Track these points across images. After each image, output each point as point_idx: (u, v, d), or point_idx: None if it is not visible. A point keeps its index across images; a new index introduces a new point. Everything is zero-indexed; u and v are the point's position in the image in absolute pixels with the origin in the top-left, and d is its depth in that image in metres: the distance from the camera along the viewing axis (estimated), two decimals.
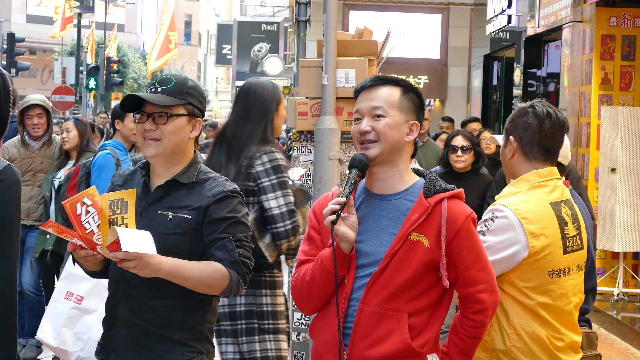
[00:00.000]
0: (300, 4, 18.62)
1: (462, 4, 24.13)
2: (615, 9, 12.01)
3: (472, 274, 3.50)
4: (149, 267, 3.58)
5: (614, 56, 12.00)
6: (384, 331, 3.44)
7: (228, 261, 3.76)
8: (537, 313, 3.93)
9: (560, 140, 4.15)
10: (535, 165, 4.08)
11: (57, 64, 39.63)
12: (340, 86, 7.99)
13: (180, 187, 3.87)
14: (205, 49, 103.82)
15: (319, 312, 3.62)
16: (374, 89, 3.59)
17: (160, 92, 3.88)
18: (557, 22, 13.30)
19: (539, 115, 4.08)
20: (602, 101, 11.96)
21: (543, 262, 3.91)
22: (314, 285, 3.55)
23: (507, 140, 4.15)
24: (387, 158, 3.53)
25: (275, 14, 46.88)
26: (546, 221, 3.94)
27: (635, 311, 11.35)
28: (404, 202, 3.52)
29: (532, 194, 4.01)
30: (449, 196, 3.49)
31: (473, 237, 3.51)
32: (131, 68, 54.97)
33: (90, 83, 37.47)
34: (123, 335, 3.85)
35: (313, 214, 3.69)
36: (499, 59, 20.30)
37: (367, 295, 3.46)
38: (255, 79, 5.85)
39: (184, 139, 3.90)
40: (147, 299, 3.80)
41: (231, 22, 50.70)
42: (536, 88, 16.82)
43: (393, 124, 3.53)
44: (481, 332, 3.60)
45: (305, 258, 3.65)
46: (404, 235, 3.45)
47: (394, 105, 3.55)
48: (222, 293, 3.78)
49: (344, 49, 8.20)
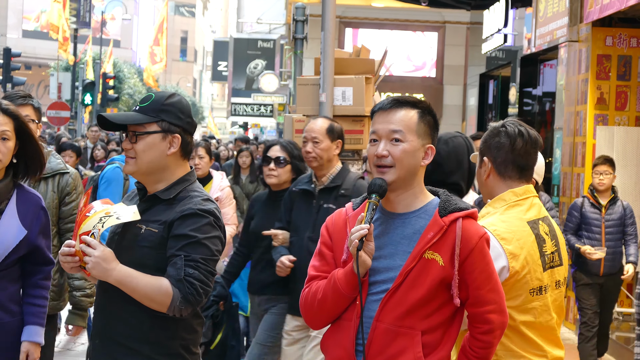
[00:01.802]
0: (297, 22, 18.66)
1: (458, 22, 24.22)
2: (612, 29, 12.05)
3: (482, 294, 3.51)
4: (100, 266, 3.69)
5: (610, 76, 12.03)
6: (397, 349, 3.45)
7: (174, 278, 3.74)
8: (521, 332, 3.94)
9: (534, 158, 4.16)
10: (510, 184, 4.10)
11: (53, 79, 39.57)
12: (338, 104, 8.02)
13: (159, 203, 3.90)
14: (201, 65, 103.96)
15: (331, 327, 3.63)
16: (393, 111, 3.57)
17: (137, 110, 3.92)
18: (553, 41, 13.34)
19: (510, 134, 4.09)
20: (598, 121, 11.98)
21: (523, 282, 3.93)
22: (326, 305, 3.56)
23: (482, 161, 4.17)
24: (403, 183, 3.54)
25: (271, 31, 46.98)
26: (524, 240, 3.96)
27: (629, 330, 11.33)
28: (419, 221, 3.53)
29: (508, 214, 4.03)
30: (464, 215, 3.50)
31: (485, 257, 3.52)
32: (127, 84, 54.98)
33: (85, 99, 37.48)
34: (97, 345, 3.93)
35: (326, 230, 3.68)
36: (495, 77, 20.34)
37: (382, 313, 3.47)
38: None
39: (158, 156, 3.90)
40: (120, 311, 3.84)
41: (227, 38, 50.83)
42: (532, 107, 16.85)
43: (410, 149, 3.53)
44: (489, 353, 3.59)
45: (315, 274, 3.65)
46: (418, 254, 3.46)
47: (411, 129, 3.54)
48: (168, 310, 3.76)
49: (341, 67, 8.23)
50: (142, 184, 3.98)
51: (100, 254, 3.68)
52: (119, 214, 3.77)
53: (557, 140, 13.06)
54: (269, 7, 44.97)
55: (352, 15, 24.53)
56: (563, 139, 12.81)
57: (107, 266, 3.68)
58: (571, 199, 12.25)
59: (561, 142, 12.86)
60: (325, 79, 8.09)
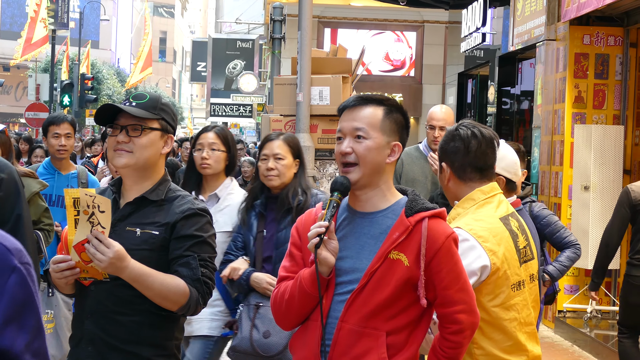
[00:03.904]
0: (275, 22, 18.65)
1: (437, 22, 24.25)
2: (589, 28, 12.08)
3: (450, 294, 3.47)
4: (114, 266, 3.59)
5: (588, 74, 12.05)
6: (362, 349, 3.42)
7: (190, 278, 3.76)
8: (508, 330, 3.95)
9: (492, 157, 4.16)
10: (472, 186, 4.10)
11: (31, 81, 39.42)
12: (315, 104, 7.99)
13: (149, 204, 3.87)
14: (180, 66, 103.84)
15: (299, 329, 3.62)
16: (357, 108, 3.56)
17: (135, 106, 3.89)
18: (531, 40, 13.36)
19: (463, 137, 4.09)
20: (576, 119, 12.01)
21: (504, 278, 3.94)
22: (293, 305, 3.54)
23: (441, 167, 4.18)
24: (368, 181, 3.51)
25: (250, 31, 46.96)
26: (500, 237, 3.97)
27: (608, 328, 11.37)
28: (386, 220, 3.50)
29: (480, 213, 4.03)
30: (430, 215, 3.47)
31: (453, 257, 3.48)
32: (105, 85, 54.83)
33: (64, 100, 37.32)
34: (90, 352, 3.83)
35: (296, 230, 3.67)
36: (473, 76, 20.38)
37: (347, 314, 3.45)
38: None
39: (155, 154, 3.92)
40: (113, 314, 3.79)
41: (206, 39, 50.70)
42: (510, 106, 16.89)
43: (374, 146, 3.50)
44: (459, 353, 3.57)
45: (285, 274, 3.64)
46: (383, 254, 3.43)
47: (375, 126, 3.52)
48: (180, 310, 3.77)
49: (318, 67, 8.20)
50: (117, 189, 3.95)
51: (114, 254, 3.58)
52: (97, 207, 3.63)
53: (535, 139, 13.08)
54: (248, 7, 44.94)
55: (330, 15, 24.52)
56: (541, 138, 12.83)
57: (121, 264, 3.60)
58: (549, 198, 12.28)
59: (539, 140, 12.88)
60: (302, 79, 8.07)
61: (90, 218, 3.60)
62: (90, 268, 3.67)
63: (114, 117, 3.91)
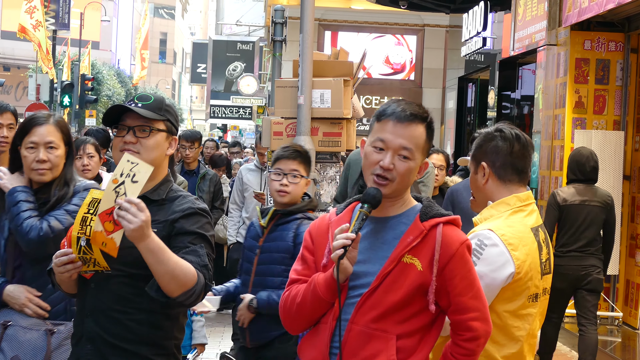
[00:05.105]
0: (277, 24, 18.63)
1: (438, 25, 24.24)
2: (590, 33, 12.08)
3: (464, 301, 3.47)
4: (142, 231, 3.52)
5: (588, 79, 12.06)
6: (371, 351, 3.43)
7: (197, 264, 3.73)
8: (514, 337, 3.94)
9: (529, 161, 4.18)
10: (511, 188, 4.09)
11: (32, 81, 39.40)
12: (316, 106, 8.00)
13: (150, 204, 3.84)
14: (180, 67, 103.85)
15: (309, 332, 3.61)
16: (408, 125, 3.51)
17: (141, 107, 3.89)
18: (532, 45, 13.37)
19: (507, 138, 4.10)
20: (576, 124, 12.01)
21: (524, 287, 3.93)
22: (304, 309, 3.55)
23: (479, 167, 4.14)
24: (396, 195, 3.53)
25: (250, 33, 46.97)
26: (529, 247, 3.95)
27: (606, 334, 11.38)
28: (400, 226, 3.51)
29: (513, 219, 4.01)
30: (445, 221, 3.48)
31: (467, 264, 3.48)
32: (105, 85, 54.81)
33: (64, 100, 37.30)
34: (89, 350, 3.83)
35: (309, 234, 3.67)
36: (474, 81, 20.37)
37: (357, 315, 3.45)
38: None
39: (161, 154, 3.93)
40: (114, 312, 3.79)
41: (206, 40, 50.77)
42: (510, 110, 16.88)
43: (415, 167, 3.52)
44: None
45: (296, 277, 3.64)
46: (397, 257, 3.44)
47: (419, 147, 3.52)
48: (183, 294, 3.67)
49: (319, 70, 8.22)
50: None
51: (146, 217, 3.52)
52: (131, 176, 3.58)
53: (535, 144, 13.08)
54: (249, 9, 44.94)
55: (331, 18, 24.51)
56: (541, 143, 12.83)
57: (148, 231, 3.54)
58: None
59: (539, 145, 12.88)
60: (304, 82, 8.07)
61: (117, 188, 3.56)
62: (101, 248, 3.57)
63: (119, 118, 3.91)
